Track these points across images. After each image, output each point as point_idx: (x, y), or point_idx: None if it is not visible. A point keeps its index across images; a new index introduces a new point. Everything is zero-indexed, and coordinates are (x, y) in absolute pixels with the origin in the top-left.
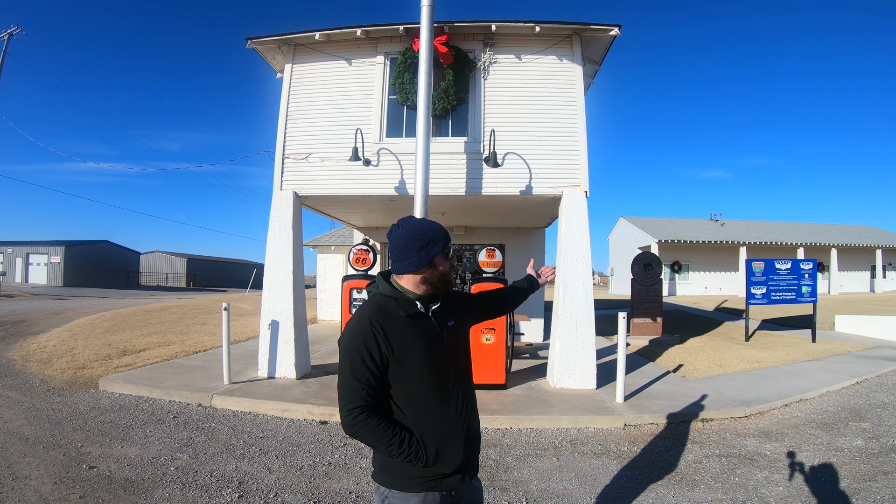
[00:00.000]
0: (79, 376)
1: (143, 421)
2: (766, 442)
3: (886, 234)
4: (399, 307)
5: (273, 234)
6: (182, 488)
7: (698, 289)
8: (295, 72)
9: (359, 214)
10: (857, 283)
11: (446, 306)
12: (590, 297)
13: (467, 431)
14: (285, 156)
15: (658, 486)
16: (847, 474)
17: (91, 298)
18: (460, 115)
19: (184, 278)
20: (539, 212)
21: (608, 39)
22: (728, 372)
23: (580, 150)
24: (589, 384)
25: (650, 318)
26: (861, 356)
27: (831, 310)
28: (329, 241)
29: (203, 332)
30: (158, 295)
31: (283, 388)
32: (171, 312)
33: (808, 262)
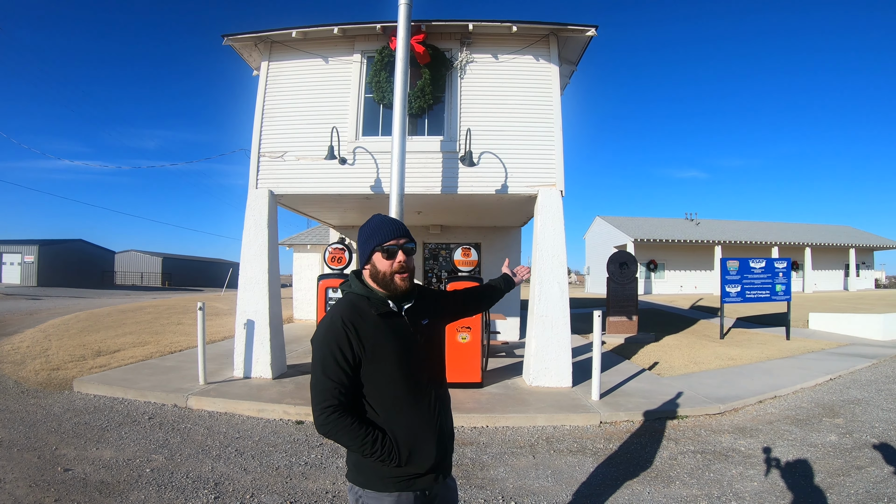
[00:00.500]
0: (53, 377)
1: (119, 422)
2: (740, 438)
3: (860, 233)
4: (371, 306)
5: (248, 232)
6: (158, 490)
7: (674, 287)
8: (271, 69)
9: (335, 213)
10: (831, 281)
11: (421, 305)
12: (565, 296)
13: (440, 431)
14: (261, 154)
15: (634, 483)
16: (821, 469)
17: (65, 298)
18: (436, 114)
19: (159, 278)
20: (515, 211)
21: (585, 40)
22: (703, 369)
23: (556, 149)
24: (565, 382)
25: (626, 317)
26: (835, 353)
27: (805, 308)
28: (305, 239)
29: (178, 333)
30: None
31: (259, 388)
32: (147, 312)
33: (783, 260)
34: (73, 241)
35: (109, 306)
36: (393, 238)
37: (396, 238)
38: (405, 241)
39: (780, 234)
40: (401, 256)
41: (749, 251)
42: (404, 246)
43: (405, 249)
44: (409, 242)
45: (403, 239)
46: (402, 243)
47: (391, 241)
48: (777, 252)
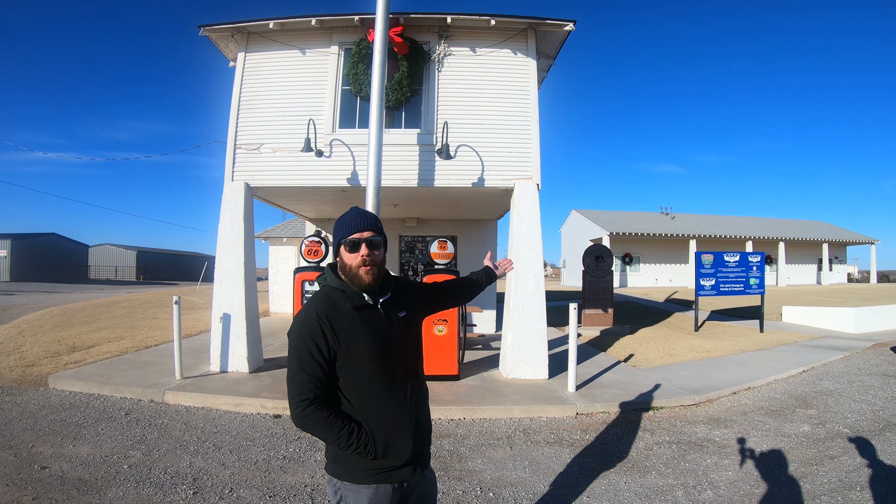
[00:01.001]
0: (28, 374)
1: (95, 419)
2: (715, 429)
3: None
4: (346, 299)
5: (224, 225)
6: (136, 486)
7: (649, 280)
8: (248, 61)
9: (311, 206)
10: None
11: (398, 297)
12: (541, 289)
13: (417, 424)
14: (237, 146)
15: (610, 473)
16: (794, 459)
17: (39, 293)
18: (414, 106)
19: (134, 271)
20: (491, 204)
21: (563, 34)
22: (678, 361)
23: (532, 143)
24: (541, 374)
25: (601, 309)
26: (808, 345)
27: (779, 301)
28: (281, 232)
29: (154, 327)
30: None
31: (236, 382)
32: (121, 307)
33: (756, 254)
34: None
35: (84, 301)
36: (356, 231)
37: (360, 231)
38: (370, 235)
39: (754, 228)
40: (364, 250)
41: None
42: (368, 239)
43: (369, 243)
44: (374, 236)
45: (368, 232)
46: (365, 237)
47: (354, 234)
48: (751, 246)
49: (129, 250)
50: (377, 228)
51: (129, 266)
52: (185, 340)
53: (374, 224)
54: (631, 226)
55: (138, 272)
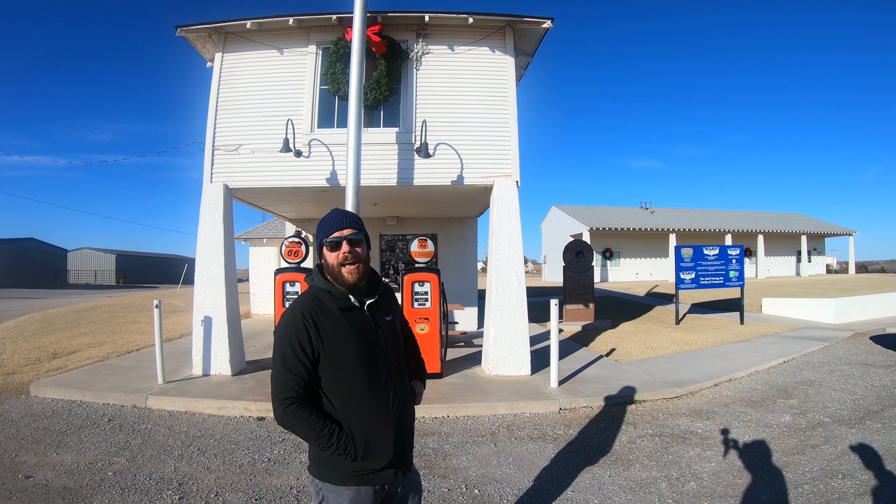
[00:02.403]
0: (8, 382)
1: (78, 426)
2: (697, 420)
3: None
4: (333, 300)
5: (204, 227)
6: (122, 493)
7: (630, 275)
8: (225, 61)
9: (291, 206)
10: (784, 267)
11: (385, 301)
12: (522, 285)
13: (399, 427)
14: (215, 147)
15: (594, 467)
16: (776, 449)
17: (18, 300)
18: (392, 105)
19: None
20: (471, 201)
21: (541, 32)
22: (660, 355)
23: (511, 140)
24: (524, 370)
25: (583, 305)
26: (788, 337)
27: (759, 293)
28: (261, 233)
29: (135, 331)
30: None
31: (219, 385)
32: (102, 312)
33: (736, 247)
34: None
35: (64, 306)
36: (336, 230)
37: (340, 230)
38: (350, 233)
39: (733, 221)
40: (345, 248)
41: (703, 238)
42: (348, 237)
43: (349, 240)
44: (354, 233)
45: (348, 230)
46: (345, 234)
47: (335, 233)
48: (730, 239)
49: (108, 254)
50: (357, 226)
51: (109, 270)
52: (166, 344)
53: (353, 222)
54: (611, 221)
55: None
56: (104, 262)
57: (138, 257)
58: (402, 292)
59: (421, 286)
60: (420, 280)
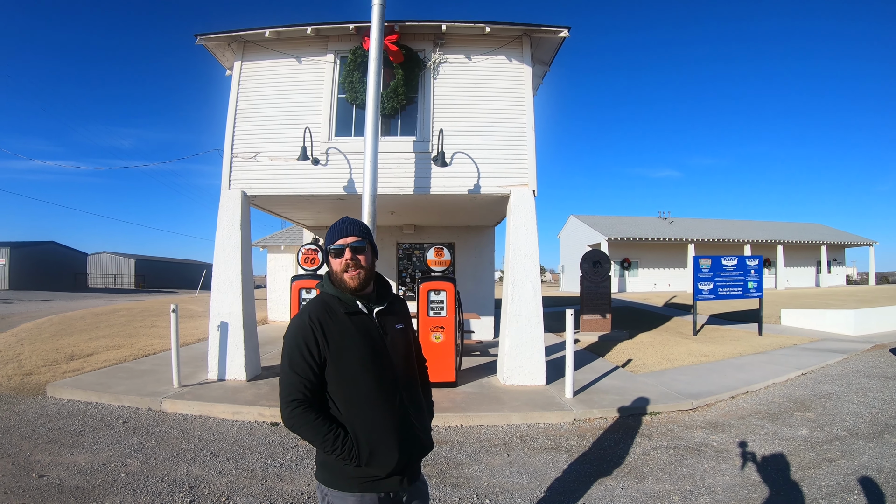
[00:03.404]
0: (26, 383)
1: (93, 427)
2: (712, 433)
3: (831, 230)
4: (341, 305)
5: (221, 234)
6: (133, 494)
7: (648, 285)
8: (244, 69)
9: (308, 214)
10: (803, 278)
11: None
12: (538, 295)
13: (405, 434)
14: (233, 155)
15: (607, 479)
16: (792, 463)
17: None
18: (409, 114)
19: (132, 280)
20: (488, 210)
21: (558, 41)
22: (676, 366)
23: (528, 149)
24: (539, 380)
25: (600, 315)
26: (806, 349)
27: (777, 304)
28: (279, 240)
29: (152, 335)
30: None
31: (234, 390)
32: (120, 315)
33: (754, 258)
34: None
35: (83, 309)
36: (340, 238)
37: (343, 237)
38: (353, 240)
39: (752, 232)
40: (347, 255)
41: (722, 249)
42: (351, 245)
43: (352, 248)
44: (358, 241)
45: (351, 237)
46: (348, 241)
47: (339, 240)
48: (749, 250)
49: (127, 258)
50: (362, 234)
51: (128, 274)
52: (183, 349)
53: (358, 230)
54: (629, 231)
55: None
56: (123, 266)
57: (157, 262)
58: (418, 301)
59: (436, 295)
60: (436, 289)
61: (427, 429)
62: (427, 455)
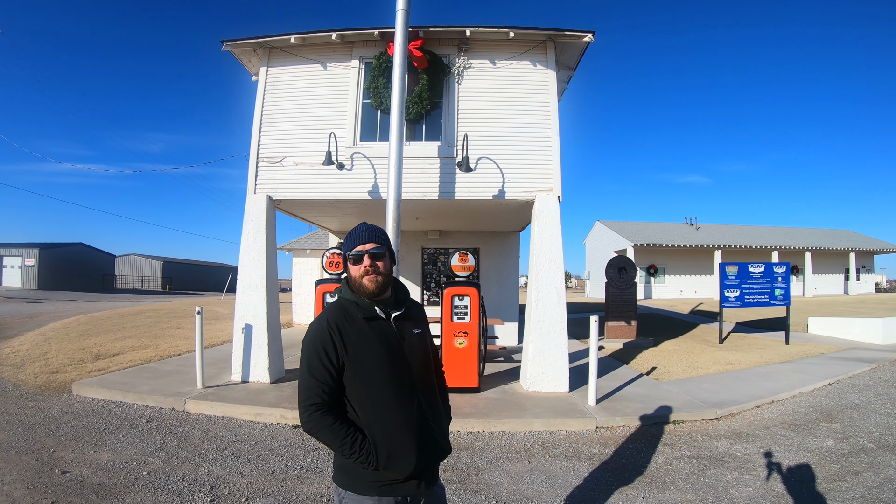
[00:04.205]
0: (52, 381)
1: (117, 425)
2: (736, 443)
3: (860, 237)
4: (359, 310)
5: (247, 237)
6: (154, 493)
7: (674, 292)
8: (270, 75)
9: (333, 218)
10: (831, 285)
11: (412, 315)
12: (562, 301)
13: (423, 439)
14: (259, 159)
15: (628, 488)
16: (817, 474)
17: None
18: (434, 119)
19: (159, 282)
20: (513, 216)
21: (582, 45)
22: (701, 374)
23: (553, 154)
24: (562, 387)
25: (624, 322)
26: (834, 358)
27: (805, 312)
28: (305, 244)
29: (178, 337)
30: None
31: (257, 392)
32: (147, 316)
33: (782, 265)
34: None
35: (110, 310)
36: (359, 244)
37: (363, 243)
38: (372, 247)
39: (780, 238)
40: (366, 261)
41: (749, 256)
42: (370, 251)
43: (371, 254)
44: (377, 247)
45: (370, 244)
46: (367, 248)
47: (357, 247)
48: (777, 256)
49: (155, 260)
50: (380, 240)
51: (155, 276)
52: (207, 350)
53: (377, 236)
54: (655, 237)
55: (164, 282)
56: (151, 268)
57: (184, 265)
58: (442, 306)
59: (460, 300)
60: (460, 294)
61: (445, 433)
62: (445, 459)
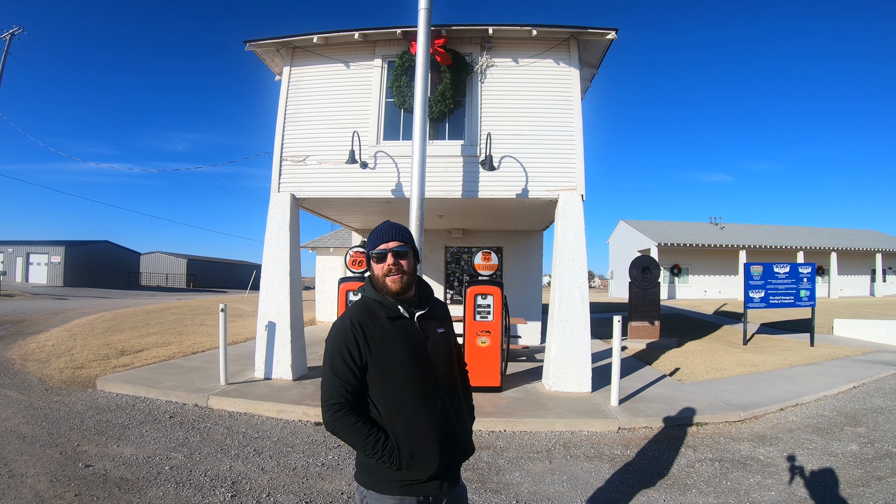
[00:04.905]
0: (77, 376)
1: (140, 420)
2: (759, 446)
3: (886, 237)
4: (382, 309)
5: (270, 235)
6: (176, 487)
7: (698, 292)
8: (293, 74)
9: (356, 217)
10: (857, 286)
11: (436, 314)
12: (585, 301)
13: (446, 439)
14: (283, 158)
15: (649, 490)
16: (841, 479)
17: (91, 298)
18: (457, 118)
19: (184, 279)
20: (536, 215)
21: (605, 43)
22: (725, 376)
23: (576, 153)
24: (584, 387)
25: (648, 322)
26: (859, 360)
27: (830, 314)
28: (328, 242)
29: (202, 333)
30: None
31: (280, 389)
32: (171, 313)
33: (807, 265)
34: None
35: (134, 307)
36: (382, 242)
37: (386, 242)
38: (395, 245)
39: (805, 238)
40: (389, 260)
41: (774, 256)
42: (393, 249)
43: (395, 253)
44: (400, 246)
45: (393, 242)
46: (391, 247)
47: (381, 245)
48: (802, 257)
49: (179, 258)
50: (404, 239)
51: (180, 273)
52: (231, 347)
53: (400, 235)
54: (679, 236)
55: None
56: (175, 265)
57: (208, 262)
58: (465, 304)
59: (483, 299)
60: (483, 293)
61: (468, 433)
62: (468, 459)
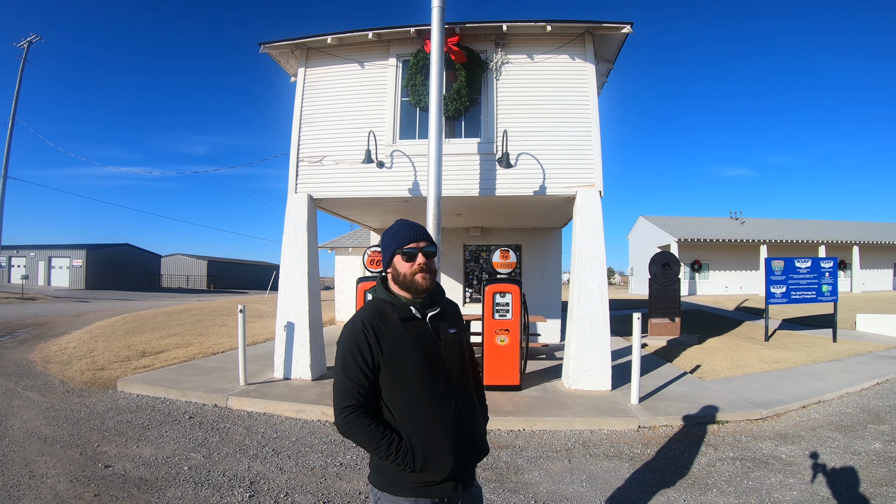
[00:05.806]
0: (98, 377)
1: (160, 421)
2: (781, 445)
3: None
4: (394, 310)
5: (288, 236)
6: (195, 487)
7: (719, 288)
8: (308, 75)
9: (374, 216)
10: (880, 281)
11: (448, 314)
12: (605, 298)
13: (460, 440)
14: (299, 159)
15: (670, 490)
16: (863, 478)
17: (112, 301)
18: (473, 116)
19: (204, 280)
20: (554, 212)
21: (621, 37)
22: (746, 373)
23: (594, 149)
24: (604, 385)
25: (668, 318)
26: (883, 356)
27: (853, 309)
28: (347, 242)
29: (222, 334)
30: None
31: (299, 389)
32: (191, 314)
33: (829, 260)
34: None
35: (155, 308)
36: (412, 241)
37: (416, 241)
38: (425, 245)
39: (827, 232)
40: (420, 259)
41: (795, 250)
42: (424, 249)
43: (425, 252)
44: (429, 246)
45: (423, 242)
46: (421, 247)
47: (411, 244)
48: (824, 251)
49: (199, 260)
50: (430, 239)
51: (200, 275)
52: (250, 348)
53: (427, 235)
54: (699, 232)
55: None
56: (196, 267)
57: (228, 263)
58: (483, 303)
59: (502, 297)
60: (501, 291)
61: (482, 433)
62: (483, 460)
